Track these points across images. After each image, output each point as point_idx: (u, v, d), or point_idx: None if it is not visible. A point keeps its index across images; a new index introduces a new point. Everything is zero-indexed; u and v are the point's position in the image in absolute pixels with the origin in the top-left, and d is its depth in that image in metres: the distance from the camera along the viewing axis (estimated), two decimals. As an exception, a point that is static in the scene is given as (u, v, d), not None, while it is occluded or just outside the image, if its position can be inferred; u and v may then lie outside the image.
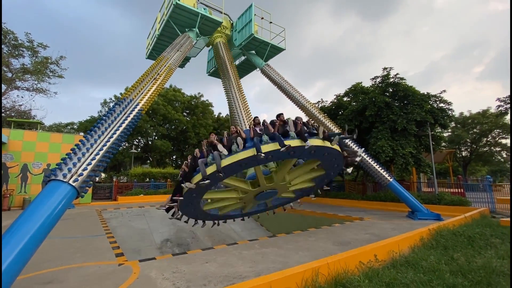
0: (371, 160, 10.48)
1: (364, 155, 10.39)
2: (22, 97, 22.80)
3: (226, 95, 10.73)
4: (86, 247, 6.18)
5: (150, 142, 29.71)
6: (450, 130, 30.84)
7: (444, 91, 14.98)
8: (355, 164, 7.62)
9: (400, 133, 13.93)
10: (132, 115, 6.11)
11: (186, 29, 11.17)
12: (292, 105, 12.46)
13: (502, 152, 34.72)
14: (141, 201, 16.83)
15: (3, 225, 7.94)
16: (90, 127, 10.56)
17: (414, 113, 13.73)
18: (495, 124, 30.06)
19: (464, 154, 35.08)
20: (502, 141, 32.10)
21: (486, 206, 11.79)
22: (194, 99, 32.53)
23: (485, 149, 33.68)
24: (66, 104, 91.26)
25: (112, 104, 9.69)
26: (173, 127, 30.68)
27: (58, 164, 4.35)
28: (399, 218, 10.08)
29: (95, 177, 4.76)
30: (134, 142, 29.70)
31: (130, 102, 6.41)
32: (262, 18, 12.89)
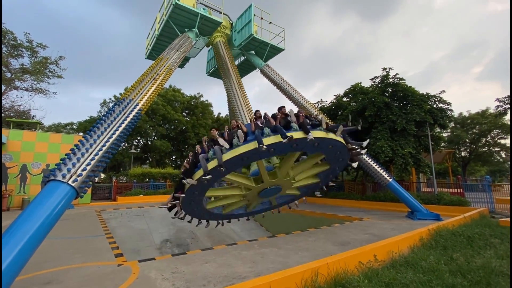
0: (370, 160, 10.48)
1: (364, 155, 10.38)
2: (21, 97, 22.80)
3: (226, 92, 10.72)
4: (86, 247, 6.17)
5: (150, 142, 29.65)
6: (449, 130, 30.90)
7: (444, 91, 15.01)
8: (361, 155, 7.06)
9: (399, 133, 13.94)
10: (131, 115, 6.09)
11: (186, 29, 11.17)
12: (291, 105, 12.47)
13: (501, 152, 34.84)
14: (141, 201, 16.79)
15: (3, 225, 7.91)
16: (89, 127, 10.52)
17: (413, 113, 13.75)
18: (494, 124, 30.16)
19: (463, 154, 35.17)
20: (501, 141, 32.26)
21: (485, 206, 11.81)
22: (194, 99, 32.48)
23: (484, 149, 33.79)
24: (66, 104, 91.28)
25: (112, 104, 9.68)
26: (172, 127, 30.64)
27: (57, 164, 4.35)
28: (399, 218, 10.08)
29: (94, 178, 4.74)
30: (134, 142, 29.63)
31: (129, 102, 6.40)
32: (262, 19, 12.91)
